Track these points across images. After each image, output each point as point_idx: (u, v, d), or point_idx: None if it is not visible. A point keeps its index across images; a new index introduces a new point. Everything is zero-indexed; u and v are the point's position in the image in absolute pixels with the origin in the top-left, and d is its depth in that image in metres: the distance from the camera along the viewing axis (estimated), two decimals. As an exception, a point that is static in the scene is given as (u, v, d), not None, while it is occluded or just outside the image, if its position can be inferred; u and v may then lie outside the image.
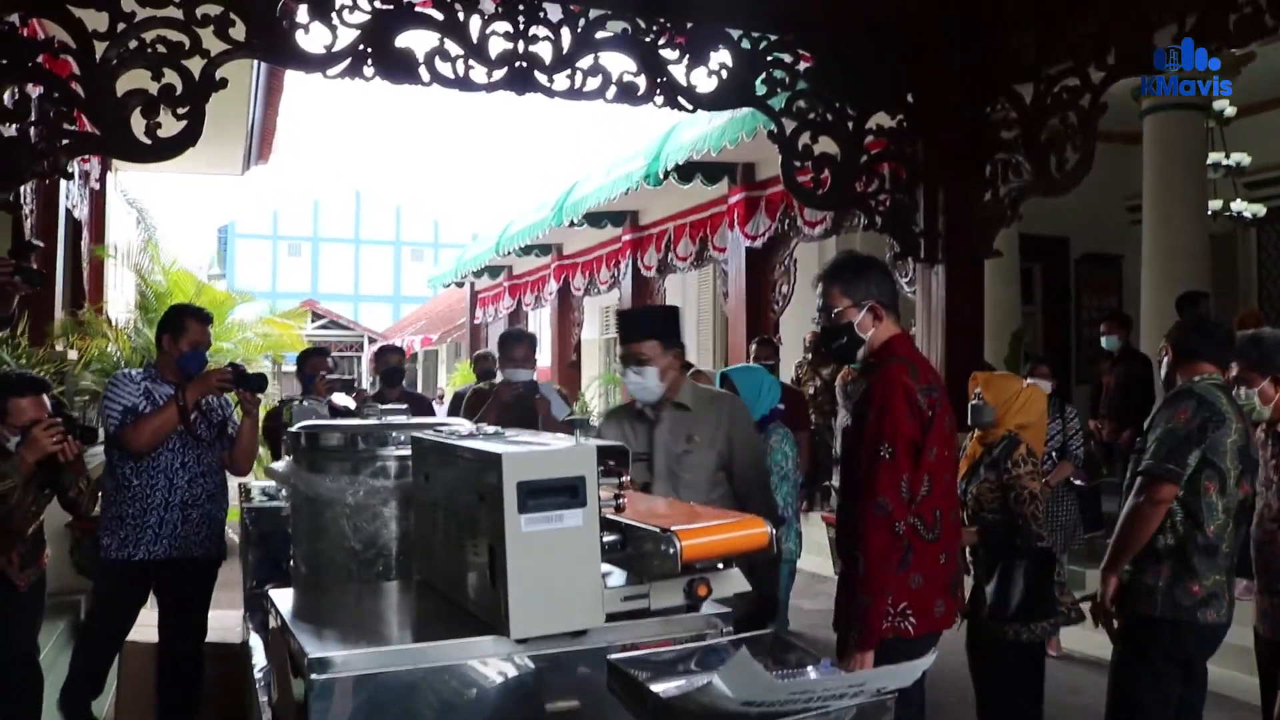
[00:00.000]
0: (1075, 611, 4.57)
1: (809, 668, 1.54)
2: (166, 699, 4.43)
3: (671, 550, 1.70)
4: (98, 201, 10.84)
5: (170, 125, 5.89)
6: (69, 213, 9.30)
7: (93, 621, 4.66)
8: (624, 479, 1.88)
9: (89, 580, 5.51)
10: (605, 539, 1.79)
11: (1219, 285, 10.39)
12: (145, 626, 4.62)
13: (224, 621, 4.62)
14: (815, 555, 7.83)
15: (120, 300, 11.76)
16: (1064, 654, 6.48)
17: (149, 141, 5.82)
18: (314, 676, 1.70)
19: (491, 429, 2.18)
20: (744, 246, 11.15)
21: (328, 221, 48.70)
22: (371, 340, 33.14)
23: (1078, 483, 6.97)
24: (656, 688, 1.50)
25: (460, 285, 22.20)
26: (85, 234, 10.28)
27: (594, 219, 13.05)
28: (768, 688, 1.29)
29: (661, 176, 10.34)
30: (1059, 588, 4.44)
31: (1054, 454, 6.71)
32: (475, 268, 18.99)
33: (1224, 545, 3.46)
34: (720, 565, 1.85)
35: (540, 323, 19.16)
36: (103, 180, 10.81)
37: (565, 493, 1.74)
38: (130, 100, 5.84)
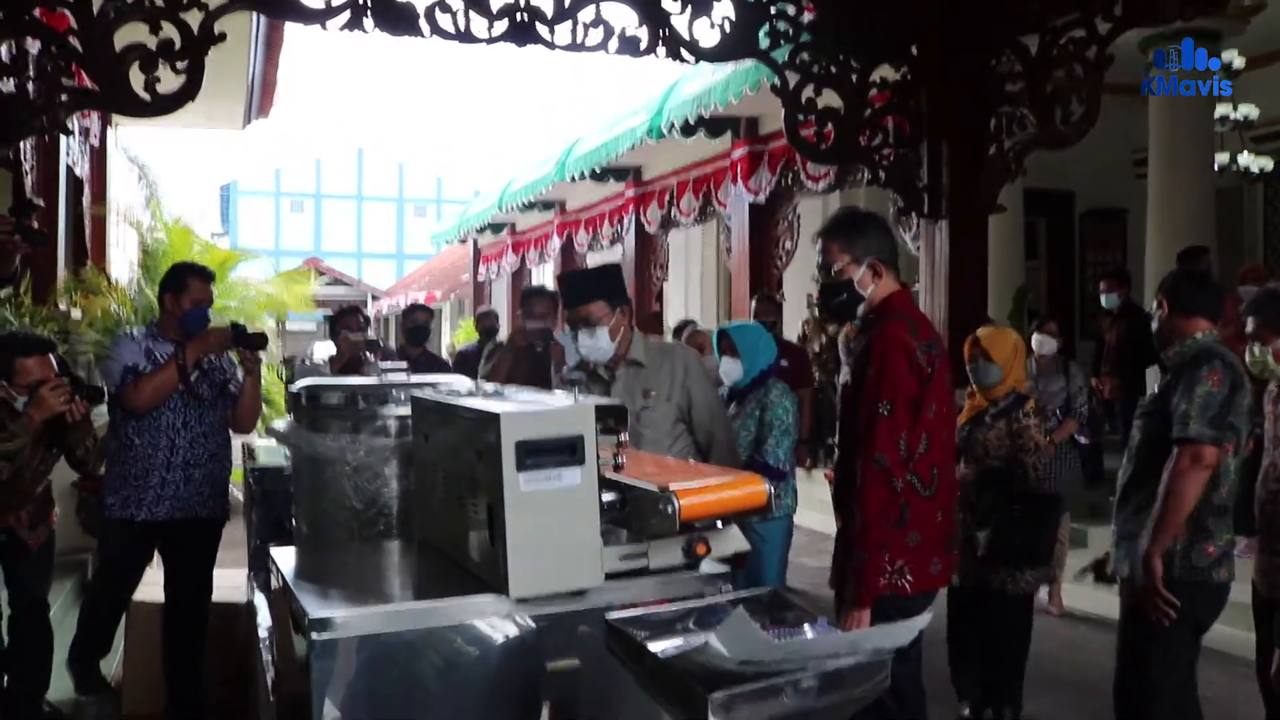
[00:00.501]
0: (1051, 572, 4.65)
1: (806, 627, 1.54)
2: (172, 657, 4.46)
3: (670, 509, 1.70)
4: (98, 158, 10.79)
5: (169, 80, 5.85)
6: (69, 170, 9.26)
7: (98, 581, 4.68)
8: (622, 437, 1.87)
9: (95, 539, 5.55)
10: (604, 498, 1.79)
11: (1224, 240, 10.33)
12: (152, 585, 4.64)
13: (229, 580, 4.64)
14: (819, 513, 7.85)
15: (123, 258, 11.74)
16: (1065, 612, 6.51)
17: (148, 96, 5.78)
18: (315, 636, 1.70)
19: (491, 387, 2.17)
20: (747, 202, 11.10)
21: (330, 178, 48.48)
22: (375, 298, 33.11)
23: (1082, 440, 6.98)
24: (655, 647, 1.50)
25: (463, 242, 22.16)
26: (86, 191, 10.24)
27: (597, 174, 12.98)
28: (764, 648, 1.29)
29: (664, 131, 10.27)
30: (1059, 545, 4.50)
31: (1058, 411, 6.72)
32: (478, 224, 18.92)
33: (1231, 504, 3.48)
34: (719, 524, 1.85)
35: (544, 279, 19.13)
36: (103, 137, 10.76)
37: (564, 451, 1.74)
38: (129, 55, 5.80)
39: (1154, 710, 3.45)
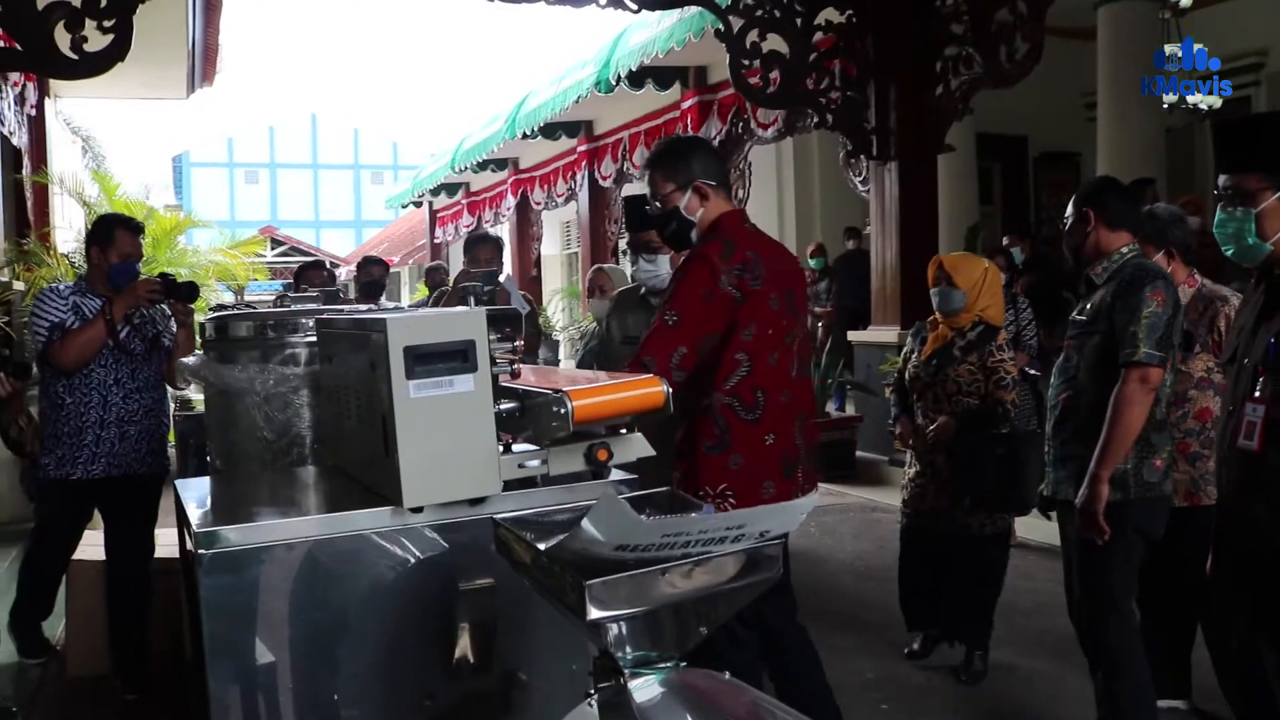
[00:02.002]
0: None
1: (692, 515, 1.51)
2: (116, 617, 4.38)
3: (563, 410, 1.66)
4: (38, 128, 10.57)
5: (97, 40, 5.73)
6: (6, 140, 9.08)
7: (36, 542, 4.59)
8: (517, 344, 1.84)
9: (37, 504, 5.45)
10: (502, 406, 1.76)
11: (1174, 178, 10.38)
12: (92, 545, 4.57)
13: (172, 537, 4.56)
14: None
15: (68, 229, 11.55)
16: (1019, 542, 6.54)
17: (75, 56, 5.66)
18: (202, 552, 1.66)
19: (392, 305, 2.13)
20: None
21: (285, 147, 47.93)
22: (334, 265, 32.84)
23: (1031, 372, 6.98)
24: (542, 545, 1.47)
25: (419, 205, 22.01)
26: (25, 161, 10.05)
27: (549, 130, 12.88)
28: (637, 528, 1.26)
29: (613, 83, 10.20)
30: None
31: (1007, 344, 6.70)
32: (432, 185, 18.77)
33: (1167, 417, 3.49)
34: (624, 430, 1.82)
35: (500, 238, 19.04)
36: (40, 106, 10.54)
37: (455, 357, 1.70)
38: (52, 13, 5.67)
39: (1115, 622, 3.47)
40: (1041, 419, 7.09)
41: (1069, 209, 3.56)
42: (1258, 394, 2.51)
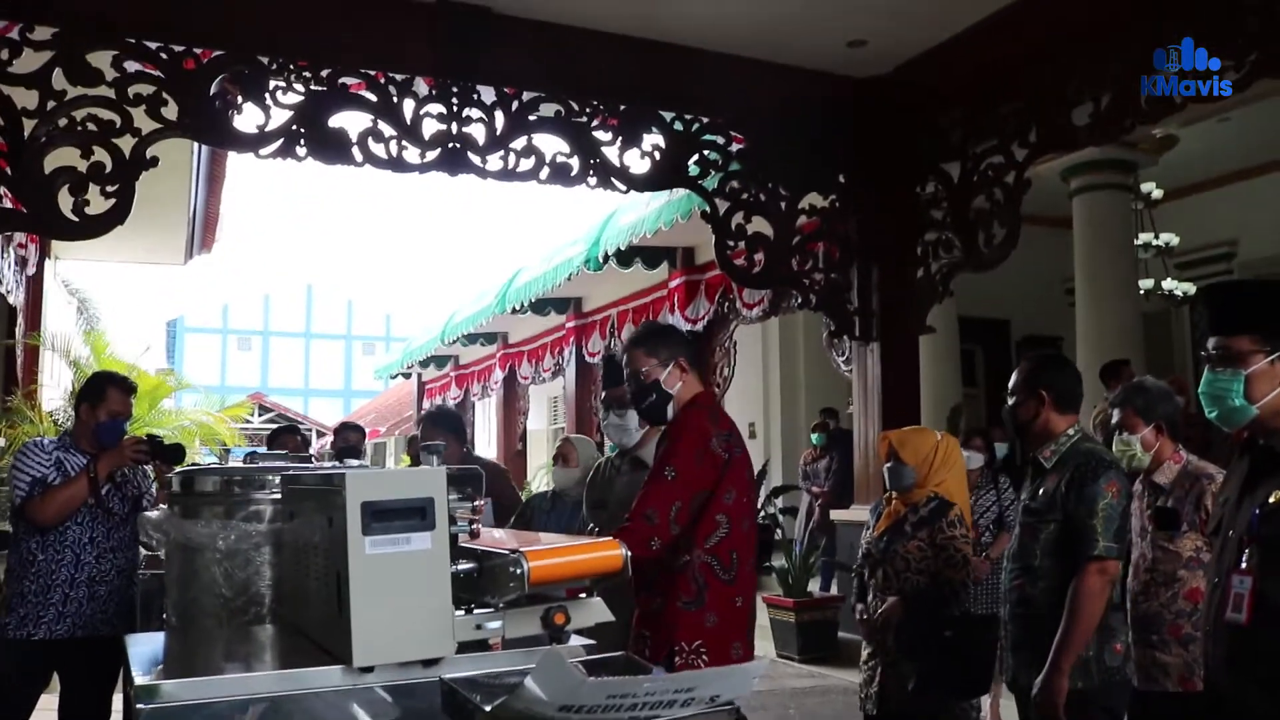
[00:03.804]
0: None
1: (640, 677, 1.47)
2: (65, 787, 4.22)
3: (519, 571, 1.65)
4: (35, 288, 10.72)
5: (99, 203, 5.86)
6: (2, 298, 9.20)
7: (-10, 706, 4.44)
8: (476, 504, 1.83)
9: None
10: (459, 566, 1.74)
11: (1154, 361, 10.55)
12: (45, 712, 4.42)
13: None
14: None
15: (55, 388, 11.58)
16: (1004, 729, 6.38)
17: (76, 219, 5.78)
18: (140, 706, 1.61)
19: (357, 463, 2.13)
20: (685, 330, 11.20)
21: (279, 315, 48.56)
22: (320, 434, 32.80)
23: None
24: (487, 706, 1.43)
25: (408, 376, 22.16)
26: (20, 320, 10.15)
27: (538, 306, 13.09)
28: (582, 689, 1.23)
29: (601, 261, 10.42)
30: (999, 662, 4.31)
31: (992, 526, 6.67)
32: (421, 357, 18.93)
33: (1121, 598, 3.49)
34: (583, 594, 1.80)
35: (487, 413, 19.08)
36: (40, 266, 10.71)
37: (414, 515, 1.69)
38: (58, 178, 5.81)
39: None
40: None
41: (1018, 381, 3.62)
42: (1244, 565, 2.47)
